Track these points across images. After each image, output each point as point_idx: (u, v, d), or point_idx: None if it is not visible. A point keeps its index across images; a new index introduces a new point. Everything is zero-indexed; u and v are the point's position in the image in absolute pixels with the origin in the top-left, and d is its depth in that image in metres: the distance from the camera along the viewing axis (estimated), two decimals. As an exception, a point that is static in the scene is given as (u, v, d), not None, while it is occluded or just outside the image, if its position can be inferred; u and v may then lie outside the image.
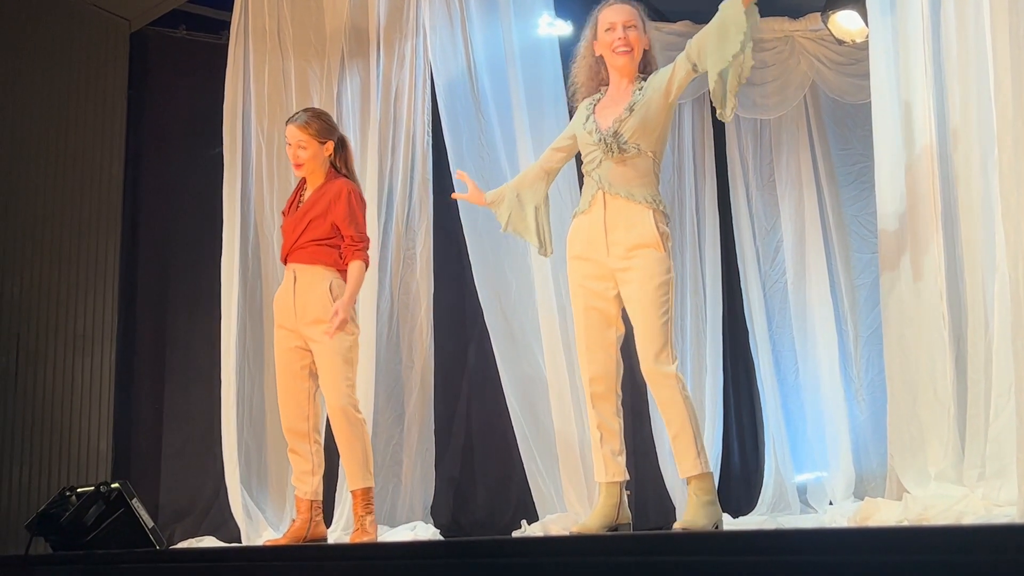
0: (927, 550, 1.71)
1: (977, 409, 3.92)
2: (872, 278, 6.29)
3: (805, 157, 6.88)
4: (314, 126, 4.46)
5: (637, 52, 3.82)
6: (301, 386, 4.40)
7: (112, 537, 4.26)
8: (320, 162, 4.48)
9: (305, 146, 4.44)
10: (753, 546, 1.98)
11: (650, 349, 3.65)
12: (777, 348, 6.84)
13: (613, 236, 3.69)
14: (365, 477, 4.30)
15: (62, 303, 5.93)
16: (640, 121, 3.70)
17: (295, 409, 4.41)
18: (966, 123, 3.95)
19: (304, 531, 4.34)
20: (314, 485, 4.39)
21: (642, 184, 3.70)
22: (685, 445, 3.60)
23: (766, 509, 6.45)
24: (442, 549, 3.10)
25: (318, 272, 4.36)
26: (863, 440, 6.44)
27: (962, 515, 3.66)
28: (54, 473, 5.73)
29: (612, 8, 3.85)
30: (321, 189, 4.45)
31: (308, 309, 4.34)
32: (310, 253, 4.38)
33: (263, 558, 3.37)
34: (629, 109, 3.72)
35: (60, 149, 6.04)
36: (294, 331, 4.39)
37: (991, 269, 3.88)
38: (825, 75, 6.84)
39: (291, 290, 4.40)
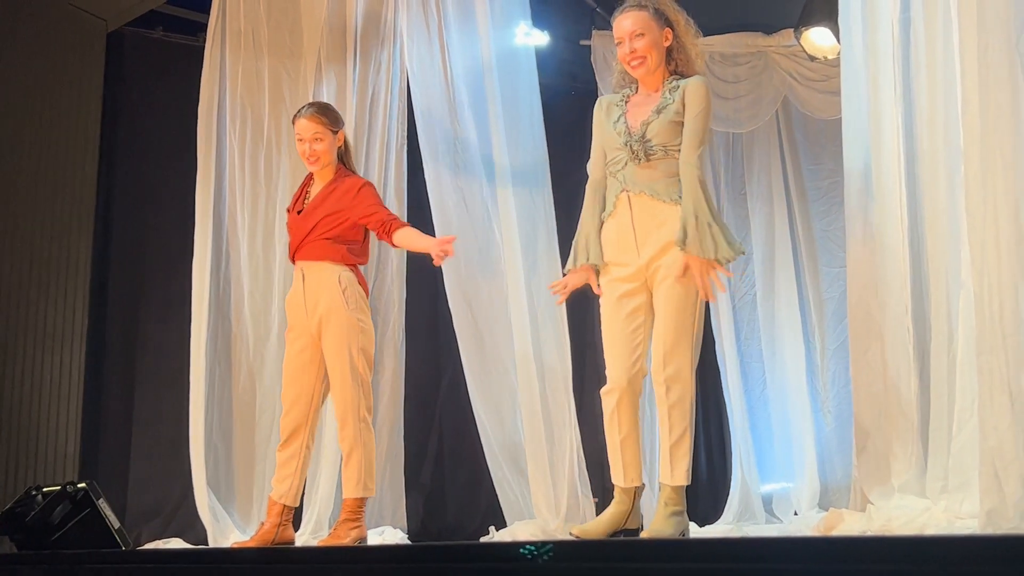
0: (890, 560, 1.72)
1: (940, 423, 3.94)
2: (840, 292, 6.34)
3: (776, 171, 6.93)
4: (327, 115, 4.44)
5: (653, 58, 3.77)
6: (308, 385, 4.34)
7: (78, 537, 4.22)
8: (332, 154, 4.43)
9: (321, 137, 4.39)
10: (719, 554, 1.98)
11: (666, 349, 3.61)
12: (745, 360, 6.87)
13: (643, 236, 3.67)
14: (356, 487, 4.22)
15: (32, 301, 5.89)
16: (667, 124, 3.68)
17: (297, 407, 4.34)
18: (934, 140, 3.98)
19: (272, 535, 4.29)
20: (293, 489, 4.33)
21: (667, 183, 3.67)
22: (681, 453, 3.56)
23: (732, 518, 6.48)
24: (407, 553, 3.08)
25: (326, 267, 4.31)
26: (828, 452, 6.48)
27: (925, 527, 3.67)
28: (20, 472, 5.67)
29: (619, 19, 3.81)
30: (331, 185, 4.40)
31: (319, 302, 4.28)
32: (319, 249, 4.32)
33: (229, 560, 3.34)
34: (657, 112, 3.70)
35: (34, 147, 6.00)
36: (305, 332, 4.33)
37: (956, 285, 3.90)
38: (797, 91, 6.89)
39: (300, 290, 4.35)
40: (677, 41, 3.81)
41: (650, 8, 3.81)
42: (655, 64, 3.79)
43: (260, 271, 5.79)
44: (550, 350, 5.13)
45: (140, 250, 6.35)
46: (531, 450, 5.03)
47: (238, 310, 5.77)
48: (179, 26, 6.56)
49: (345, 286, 4.28)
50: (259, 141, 5.87)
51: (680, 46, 3.81)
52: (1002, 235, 3.33)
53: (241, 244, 5.79)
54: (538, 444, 5.03)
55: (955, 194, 3.86)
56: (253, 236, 5.81)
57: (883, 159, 4.20)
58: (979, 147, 3.39)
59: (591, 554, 2.31)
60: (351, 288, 4.30)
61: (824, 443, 6.54)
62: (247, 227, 5.80)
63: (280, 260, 5.78)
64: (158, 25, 6.54)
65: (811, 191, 6.87)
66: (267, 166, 5.86)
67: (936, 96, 3.97)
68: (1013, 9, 3.39)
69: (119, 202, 6.36)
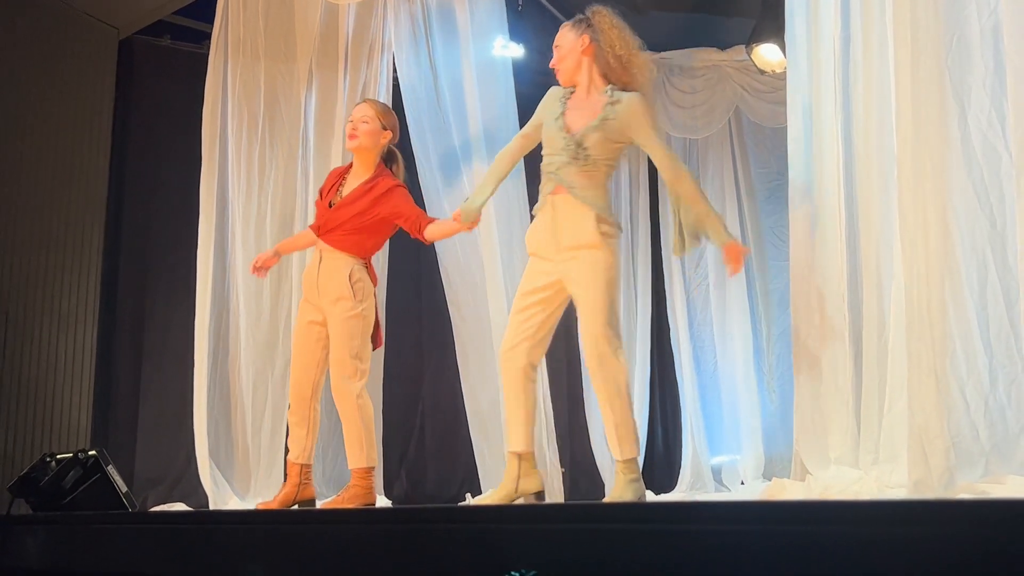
0: (827, 521, 1.73)
1: (872, 402, 3.98)
2: (784, 283, 6.38)
3: (728, 173, 6.96)
4: (382, 108, 4.32)
5: (566, 68, 3.74)
6: (313, 355, 4.24)
7: (88, 500, 4.19)
8: (374, 148, 4.28)
9: (368, 120, 4.25)
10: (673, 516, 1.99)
11: (593, 340, 3.60)
12: (698, 344, 6.90)
13: (561, 236, 3.65)
14: (358, 457, 4.11)
15: (48, 285, 5.83)
16: (604, 137, 3.64)
17: (303, 374, 4.25)
18: (870, 146, 4.00)
19: (294, 494, 4.21)
20: (307, 449, 4.24)
21: (593, 188, 3.64)
22: (625, 432, 3.57)
23: (685, 487, 6.52)
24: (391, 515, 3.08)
25: (342, 258, 4.19)
26: (772, 427, 6.53)
27: (858, 494, 3.71)
28: (36, 440, 5.62)
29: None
30: (369, 183, 4.25)
31: (329, 289, 4.18)
32: (341, 240, 4.21)
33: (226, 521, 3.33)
34: (599, 123, 3.63)
35: (50, 144, 5.93)
36: (316, 307, 4.24)
37: (888, 277, 3.93)
38: (748, 101, 6.92)
39: (316, 270, 4.25)
40: (603, 50, 3.70)
41: (575, 23, 3.77)
42: (570, 73, 3.75)
43: (252, 257, 5.75)
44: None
45: (147, 238, 6.30)
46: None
47: (236, 294, 5.74)
48: (185, 35, 6.51)
49: (356, 279, 4.19)
50: (254, 138, 5.83)
51: (615, 58, 3.70)
52: (931, 233, 3.37)
53: (236, 234, 5.76)
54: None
55: (889, 195, 3.89)
56: (247, 226, 5.77)
57: (824, 163, 4.23)
58: (911, 152, 3.42)
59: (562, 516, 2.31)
60: (361, 282, 4.21)
61: (768, 419, 6.58)
62: (242, 217, 5.76)
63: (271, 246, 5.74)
64: (166, 33, 6.48)
65: (759, 191, 6.91)
66: (260, 162, 5.82)
67: (872, 106, 3.99)
68: (943, 27, 3.42)
69: (128, 194, 6.31)
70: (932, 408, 3.27)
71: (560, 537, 2.13)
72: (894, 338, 3.82)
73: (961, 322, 3.37)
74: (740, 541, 1.81)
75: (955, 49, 3.44)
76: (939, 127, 3.39)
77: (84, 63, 6.12)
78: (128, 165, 6.32)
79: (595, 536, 2.06)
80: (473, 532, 2.34)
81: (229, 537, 2.99)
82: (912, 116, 3.42)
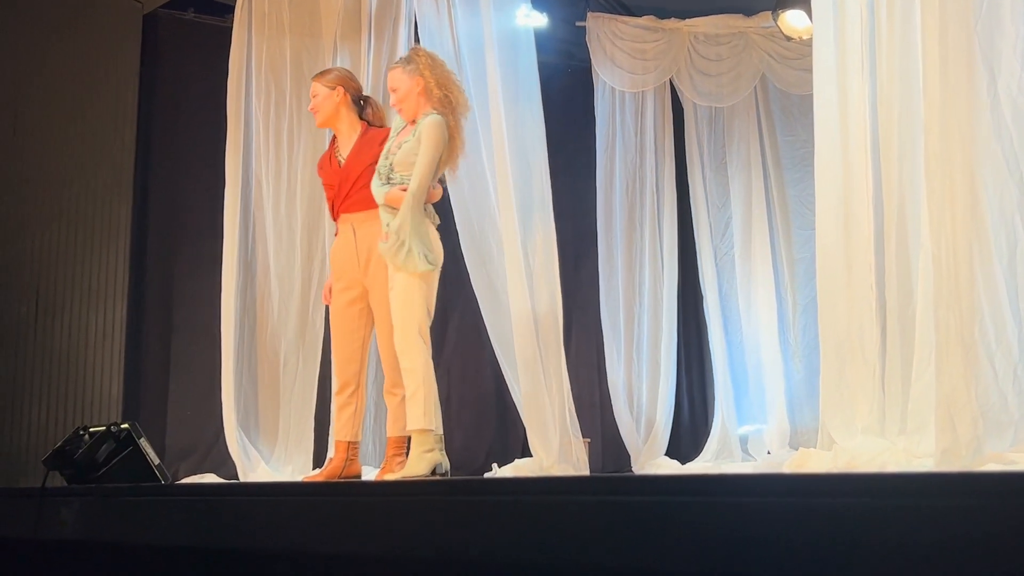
0: (854, 494, 1.73)
1: (898, 370, 3.96)
2: (811, 253, 6.34)
3: (754, 142, 6.91)
4: (320, 75, 4.43)
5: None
6: (356, 335, 4.25)
7: (121, 472, 4.24)
8: (336, 112, 4.34)
9: (315, 95, 4.34)
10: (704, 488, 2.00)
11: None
12: (725, 313, 6.89)
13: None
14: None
15: (78, 261, 5.89)
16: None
17: (349, 355, 4.27)
18: (898, 113, 3.96)
19: (340, 469, 4.25)
20: (354, 428, 4.27)
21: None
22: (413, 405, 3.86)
23: (711, 456, 6.52)
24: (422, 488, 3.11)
25: (374, 215, 4.15)
26: (798, 397, 6.52)
27: (885, 464, 3.70)
28: (69, 414, 5.70)
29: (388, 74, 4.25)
30: (363, 137, 4.30)
31: (372, 255, 4.16)
32: (364, 197, 4.17)
33: (259, 493, 3.37)
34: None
35: (78, 120, 5.98)
36: (356, 284, 4.23)
37: (916, 246, 3.90)
38: (774, 68, 6.86)
39: (352, 242, 4.23)
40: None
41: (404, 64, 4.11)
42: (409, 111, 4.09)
43: (284, 232, 5.79)
44: (544, 300, 5.11)
45: (175, 213, 6.34)
46: (526, 395, 5.03)
47: (264, 268, 5.77)
48: (209, 8, 6.51)
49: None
50: (282, 113, 5.85)
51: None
52: (958, 201, 3.33)
53: (266, 208, 5.78)
54: (538, 389, 5.02)
55: (916, 163, 3.85)
56: (277, 200, 5.80)
57: (851, 131, 4.19)
58: (939, 120, 3.38)
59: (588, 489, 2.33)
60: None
61: (794, 390, 6.57)
62: (271, 192, 5.79)
63: (302, 221, 5.77)
64: (189, 7, 6.49)
65: (786, 160, 6.86)
66: (289, 136, 5.84)
67: (900, 73, 3.95)
68: (972, -6, 3.36)
69: (155, 170, 6.35)
70: (960, 377, 3.25)
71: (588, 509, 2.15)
72: (921, 307, 3.80)
73: (990, 290, 3.33)
74: (765, 513, 1.82)
75: (985, 14, 3.39)
76: (968, 93, 3.34)
77: (109, 38, 6.14)
78: (154, 139, 6.35)
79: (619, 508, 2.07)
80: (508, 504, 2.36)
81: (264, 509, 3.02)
82: (940, 82, 3.37)
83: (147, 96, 6.31)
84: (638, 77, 6.92)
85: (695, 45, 6.98)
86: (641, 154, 6.89)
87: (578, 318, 6.75)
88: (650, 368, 6.72)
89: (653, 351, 6.72)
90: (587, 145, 6.92)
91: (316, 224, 5.75)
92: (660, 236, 6.88)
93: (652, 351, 6.73)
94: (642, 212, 6.84)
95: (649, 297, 6.77)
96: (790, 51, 6.65)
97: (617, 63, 6.88)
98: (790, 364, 6.64)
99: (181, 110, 6.39)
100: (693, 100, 7.00)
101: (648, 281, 6.78)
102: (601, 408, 6.71)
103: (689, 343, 7.11)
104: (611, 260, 6.80)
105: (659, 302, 6.77)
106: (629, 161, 6.88)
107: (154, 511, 3.40)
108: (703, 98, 6.96)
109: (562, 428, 4.99)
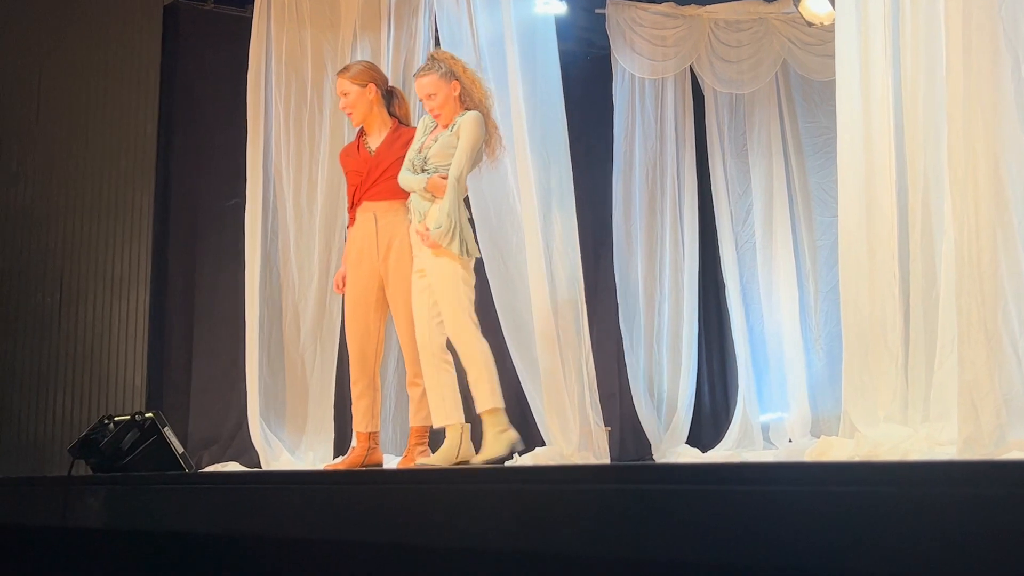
0: (877, 483, 1.73)
1: (920, 357, 3.94)
2: (832, 239, 6.30)
3: (775, 129, 6.87)
4: (353, 73, 4.39)
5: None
6: (370, 326, 4.26)
7: (146, 461, 4.28)
8: (370, 110, 4.35)
9: (347, 93, 4.33)
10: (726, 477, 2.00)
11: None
12: (746, 301, 6.86)
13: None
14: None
15: (101, 250, 5.94)
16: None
17: (360, 344, 4.27)
18: (922, 99, 3.93)
19: (361, 458, 4.28)
20: (374, 417, 4.30)
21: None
22: None
23: (732, 444, 6.51)
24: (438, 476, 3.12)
25: (398, 207, 4.18)
26: (820, 385, 6.49)
27: (908, 452, 3.69)
28: (94, 403, 5.75)
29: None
30: (394, 134, 4.32)
31: (392, 244, 4.18)
32: (391, 188, 4.18)
33: (281, 481, 3.39)
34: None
35: (100, 111, 6.01)
36: (374, 273, 4.23)
37: (939, 233, 3.88)
38: (795, 54, 6.81)
39: (373, 232, 4.23)
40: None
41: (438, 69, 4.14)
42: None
43: (304, 222, 5.81)
44: (564, 289, 5.11)
45: (196, 203, 6.37)
46: (546, 383, 5.02)
47: (285, 257, 5.79)
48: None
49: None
50: (303, 104, 5.87)
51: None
52: (981, 187, 3.31)
53: (287, 198, 5.81)
54: (556, 376, 5.02)
55: (939, 150, 3.83)
56: (298, 190, 5.82)
57: (874, 117, 4.16)
58: (962, 107, 3.36)
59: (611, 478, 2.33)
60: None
61: (815, 377, 6.54)
62: (292, 182, 5.81)
63: (321, 212, 5.79)
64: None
65: (807, 147, 6.81)
66: (310, 127, 5.85)
67: (923, 59, 3.92)
68: (996, -22, 3.33)
69: (177, 160, 6.37)
70: (983, 364, 3.24)
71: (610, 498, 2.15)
72: (944, 294, 3.78)
73: (1013, 276, 3.31)
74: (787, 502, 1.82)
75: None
76: (991, 78, 3.32)
77: (130, 28, 6.17)
78: (176, 129, 6.38)
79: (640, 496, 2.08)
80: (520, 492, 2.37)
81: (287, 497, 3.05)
82: (963, 68, 3.35)
83: (168, 86, 6.34)
84: (658, 64, 6.89)
85: (715, 31, 6.95)
86: (661, 142, 6.87)
87: (597, 307, 6.75)
88: (670, 356, 6.71)
89: (674, 339, 6.71)
90: (606, 133, 6.90)
91: (335, 214, 5.77)
92: (680, 224, 6.86)
93: (673, 339, 6.71)
94: (662, 200, 6.82)
95: (669, 285, 6.76)
96: (811, 37, 6.60)
97: (637, 50, 6.85)
98: (812, 351, 6.62)
99: (201, 100, 6.41)
100: (713, 87, 6.97)
101: (668, 269, 6.76)
102: (620, 397, 6.71)
103: (710, 331, 7.09)
104: (631, 248, 6.78)
105: (679, 290, 6.76)
106: (649, 149, 6.86)
107: (178, 499, 3.43)
108: (723, 85, 6.92)
109: (582, 416, 4.99)
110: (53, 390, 5.66)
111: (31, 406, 5.64)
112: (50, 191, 5.83)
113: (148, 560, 3.53)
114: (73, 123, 5.91)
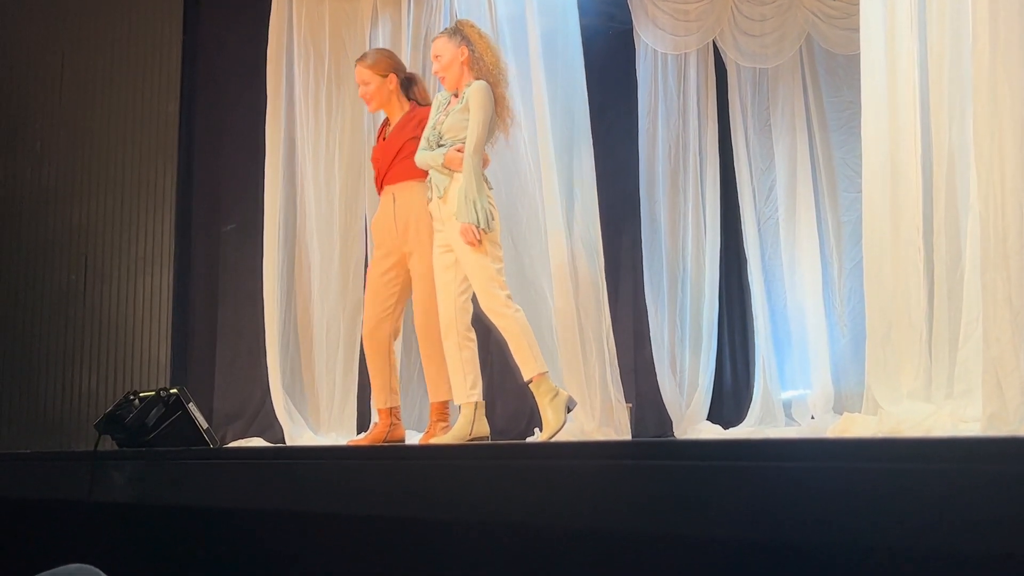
0: (900, 459, 1.73)
1: (944, 334, 3.92)
2: (856, 216, 6.25)
3: (799, 104, 6.80)
4: (371, 61, 4.43)
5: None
6: (387, 304, 4.30)
7: (171, 436, 4.31)
8: (389, 98, 4.39)
9: (367, 82, 4.38)
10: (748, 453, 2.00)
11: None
12: (768, 278, 6.83)
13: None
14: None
15: (124, 228, 5.98)
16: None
17: (382, 326, 4.30)
18: (947, 72, 3.89)
19: (384, 433, 4.31)
20: (393, 393, 4.34)
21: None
22: None
23: (754, 421, 6.50)
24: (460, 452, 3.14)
25: (414, 186, 4.21)
26: (843, 361, 6.45)
27: (931, 429, 3.67)
28: (119, 379, 5.81)
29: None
30: (408, 116, 4.36)
31: (409, 223, 4.21)
32: (405, 169, 4.22)
33: (305, 456, 3.42)
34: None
35: (122, 90, 6.05)
36: (395, 252, 4.27)
37: (964, 208, 3.84)
38: (820, 27, 6.73)
39: (391, 213, 4.27)
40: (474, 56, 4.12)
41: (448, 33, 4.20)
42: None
43: (323, 198, 5.83)
44: (584, 265, 5.11)
45: (219, 181, 6.39)
46: (566, 359, 5.03)
47: (305, 234, 5.82)
48: (249, -26, 6.52)
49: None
50: (321, 79, 5.87)
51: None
52: (1007, 162, 3.28)
53: (307, 173, 5.83)
54: (574, 354, 5.02)
55: (965, 124, 3.78)
56: (316, 166, 5.84)
57: (898, 92, 4.12)
58: (988, 80, 3.32)
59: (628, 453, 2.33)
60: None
61: (839, 354, 6.51)
62: (311, 158, 5.83)
63: (341, 187, 5.81)
64: (231, -26, 6.50)
65: (831, 122, 6.74)
66: (328, 103, 5.86)
67: (949, 33, 3.87)
68: (1025, -52, 3.28)
69: (199, 137, 6.40)
70: (1007, 340, 3.21)
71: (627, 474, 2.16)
72: (969, 270, 3.75)
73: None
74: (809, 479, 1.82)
75: (1038, -31, 3.31)
76: (1018, 52, 3.27)
77: (151, 8, 6.19)
78: (197, 107, 6.40)
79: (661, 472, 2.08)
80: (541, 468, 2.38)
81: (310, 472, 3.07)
82: (990, 41, 3.30)
83: (189, 63, 6.36)
84: (680, 39, 6.83)
85: (738, 5, 6.88)
86: (684, 117, 6.82)
87: (619, 283, 6.73)
88: (692, 333, 6.69)
89: (696, 316, 6.69)
90: (629, 109, 6.85)
91: (355, 190, 5.79)
92: (703, 200, 6.82)
93: (695, 316, 6.69)
94: (685, 176, 6.78)
95: (692, 261, 6.73)
96: (836, 10, 6.52)
97: (659, 25, 6.79)
98: (835, 328, 6.58)
99: (223, 77, 6.42)
100: (737, 61, 6.90)
101: (691, 245, 6.73)
102: (639, 373, 6.70)
103: (732, 307, 7.06)
104: (654, 224, 6.75)
105: (702, 266, 6.73)
106: (672, 124, 6.82)
107: (203, 474, 3.46)
108: (747, 59, 6.85)
109: (603, 393, 4.99)
110: (79, 367, 5.73)
111: (57, 383, 5.71)
112: (74, 171, 5.88)
113: (173, 534, 3.57)
114: (96, 103, 5.95)
